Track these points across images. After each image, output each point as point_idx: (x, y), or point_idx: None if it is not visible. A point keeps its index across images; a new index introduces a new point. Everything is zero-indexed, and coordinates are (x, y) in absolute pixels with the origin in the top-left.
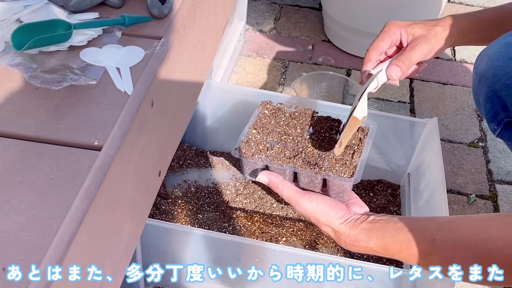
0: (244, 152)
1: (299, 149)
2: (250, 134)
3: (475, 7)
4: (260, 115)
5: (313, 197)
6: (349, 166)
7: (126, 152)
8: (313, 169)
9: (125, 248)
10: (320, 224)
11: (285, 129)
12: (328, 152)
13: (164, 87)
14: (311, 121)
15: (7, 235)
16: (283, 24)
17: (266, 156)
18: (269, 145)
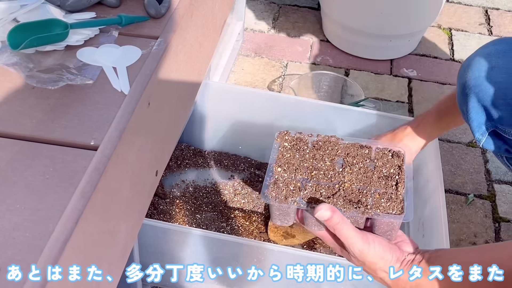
0: (275, 195)
1: (335, 186)
2: (276, 173)
3: (474, 7)
4: (281, 149)
5: (370, 239)
6: (395, 201)
7: (123, 152)
8: (357, 208)
9: (122, 248)
10: (375, 270)
11: (312, 163)
12: (369, 187)
13: (161, 87)
14: (338, 150)
15: (2, 235)
16: (281, 24)
17: (301, 198)
18: (300, 184)
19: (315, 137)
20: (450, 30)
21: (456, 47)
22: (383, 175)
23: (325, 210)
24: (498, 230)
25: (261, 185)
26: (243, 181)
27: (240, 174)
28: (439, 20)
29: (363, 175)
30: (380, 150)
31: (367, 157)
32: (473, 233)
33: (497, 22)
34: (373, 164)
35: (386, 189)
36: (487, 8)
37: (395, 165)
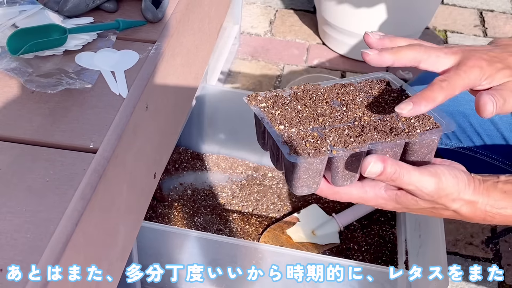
0: (303, 151)
1: (355, 123)
2: (281, 132)
3: (469, 9)
4: (264, 110)
5: (438, 171)
6: (423, 118)
7: (121, 155)
8: (396, 135)
9: (121, 250)
10: (451, 201)
11: (310, 111)
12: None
13: (158, 91)
14: (324, 94)
15: (4, 237)
16: (278, 27)
17: (331, 145)
18: (318, 133)
19: (288, 90)
20: (446, 32)
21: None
22: (390, 100)
23: (375, 163)
24: (494, 230)
25: (259, 188)
26: (241, 184)
27: (238, 177)
28: (434, 22)
29: (370, 105)
30: (364, 83)
31: (357, 91)
32: (470, 233)
33: (492, 23)
34: (370, 95)
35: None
36: (481, 10)
37: (392, 89)
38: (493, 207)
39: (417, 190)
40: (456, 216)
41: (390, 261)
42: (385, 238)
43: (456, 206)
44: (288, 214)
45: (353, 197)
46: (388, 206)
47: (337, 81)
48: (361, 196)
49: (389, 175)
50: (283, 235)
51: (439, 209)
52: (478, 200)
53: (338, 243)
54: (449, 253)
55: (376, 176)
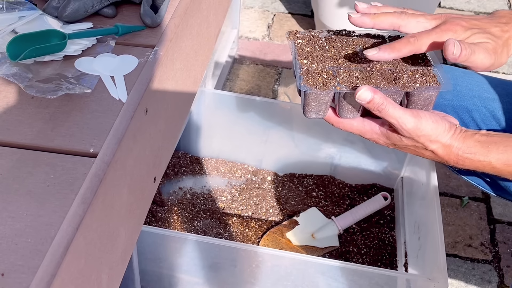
0: (312, 84)
1: (367, 69)
2: (303, 65)
3: (466, 12)
4: (298, 45)
5: (420, 113)
6: (428, 75)
7: (121, 159)
8: (396, 84)
9: (121, 254)
10: (429, 142)
11: (335, 52)
12: (400, 66)
13: (157, 95)
14: (354, 41)
15: (5, 241)
16: (276, 32)
17: (338, 83)
18: (332, 71)
19: (326, 32)
20: None
21: None
22: (408, 57)
23: (365, 90)
24: (493, 231)
25: (259, 192)
26: (240, 188)
27: (237, 181)
28: None
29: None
30: (393, 38)
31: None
32: (469, 235)
33: None
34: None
35: (416, 66)
36: (478, 12)
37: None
38: (464, 152)
39: (398, 125)
40: (434, 157)
41: (390, 264)
42: (384, 241)
43: (434, 147)
44: (287, 217)
45: (353, 128)
46: (380, 141)
47: (371, 31)
48: (359, 128)
49: (376, 104)
50: (283, 239)
51: (420, 148)
52: (454, 145)
53: (338, 246)
54: (448, 255)
55: (366, 102)
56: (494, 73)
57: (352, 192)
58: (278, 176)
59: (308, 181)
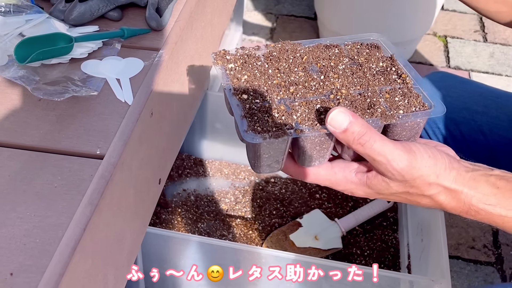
0: (261, 130)
1: (330, 97)
2: (244, 102)
3: (469, 14)
4: (230, 73)
5: (413, 148)
6: (410, 95)
7: (127, 161)
8: (374, 114)
9: (127, 254)
10: (427, 185)
11: (282, 77)
12: (371, 87)
13: (163, 97)
14: (303, 57)
15: (14, 242)
16: (279, 34)
17: (297, 123)
18: (285, 106)
19: (263, 48)
20: (446, 37)
21: (452, 54)
22: (376, 71)
23: (339, 112)
24: (496, 234)
25: (262, 194)
26: (244, 190)
27: (241, 183)
28: (434, 27)
29: (352, 76)
30: (352, 46)
31: (342, 56)
32: (471, 237)
33: (492, 29)
34: (355, 62)
35: (391, 85)
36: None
37: (381, 57)
38: (480, 201)
39: (387, 164)
40: (434, 205)
41: (393, 266)
42: (387, 243)
43: (433, 192)
44: (291, 219)
45: (320, 179)
46: (359, 192)
47: (321, 41)
48: (329, 178)
49: (357, 135)
50: (286, 240)
51: (414, 195)
52: (462, 190)
53: (341, 248)
54: (451, 257)
55: (341, 131)
56: (497, 75)
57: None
58: (281, 178)
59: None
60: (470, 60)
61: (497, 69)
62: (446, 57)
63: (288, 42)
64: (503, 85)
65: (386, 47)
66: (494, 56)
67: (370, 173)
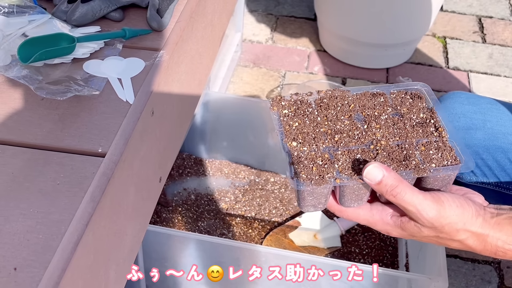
0: (306, 177)
1: (370, 147)
2: (293, 150)
3: (468, 15)
4: (284, 119)
5: (442, 198)
6: (444, 149)
7: (129, 159)
8: (408, 167)
9: (128, 251)
10: (456, 231)
11: (329, 125)
12: (409, 139)
13: (163, 97)
14: (350, 105)
15: (17, 237)
16: (279, 35)
17: (338, 172)
18: (328, 155)
19: (316, 94)
20: (445, 38)
21: (451, 55)
22: (416, 122)
23: (374, 167)
24: None
25: (262, 193)
26: (244, 189)
27: (241, 182)
28: (433, 29)
29: (393, 127)
30: (397, 95)
31: (386, 105)
32: None
33: (491, 30)
34: (398, 112)
35: (428, 137)
36: (480, 16)
37: (422, 107)
38: (505, 242)
39: (417, 213)
40: (464, 247)
41: (391, 264)
42: (386, 242)
43: (462, 237)
44: (290, 218)
45: (360, 219)
46: (394, 233)
47: (369, 88)
48: (368, 219)
49: (389, 187)
50: (286, 239)
51: (445, 239)
52: (488, 234)
53: (340, 246)
54: (449, 256)
55: (375, 183)
56: (495, 76)
57: None
58: (281, 177)
59: None
60: (469, 61)
61: (496, 70)
62: (445, 58)
63: (337, 89)
64: (501, 86)
65: (429, 97)
66: (493, 57)
67: (404, 217)
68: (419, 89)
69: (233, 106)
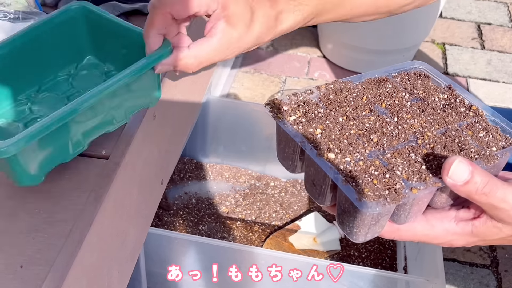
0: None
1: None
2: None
3: (467, 22)
4: (298, 128)
5: None
6: (489, 128)
7: (131, 161)
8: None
9: (130, 251)
10: None
11: (356, 125)
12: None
13: (165, 101)
14: (363, 96)
15: (23, 236)
16: (279, 41)
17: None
18: (379, 161)
19: (316, 91)
20: (444, 44)
21: (450, 61)
22: (443, 104)
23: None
24: None
25: (262, 197)
26: (244, 193)
27: (241, 186)
28: (433, 35)
29: (424, 114)
30: (401, 78)
31: (399, 91)
32: None
33: (489, 36)
34: (418, 96)
35: (466, 119)
36: (479, 23)
37: (437, 87)
38: None
39: (511, 210)
40: None
41: (390, 267)
42: (384, 245)
43: None
44: (290, 222)
45: (418, 235)
46: (460, 242)
47: (368, 75)
48: (427, 233)
49: (480, 184)
50: (285, 242)
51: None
52: None
53: (339, 250)
54: (447, 259)
55: (463, 183)
56: (494, 82)
57: None
58: (281, 181)
59: None
60: (468, 67)
61: (494, 76)
62: (444, 64)
63: (337, 81)
64: (500, 92)
65: (434, 75)
66: (491, 63)
67: (477, 220)
68: (420, 68)
69: (234, 110)
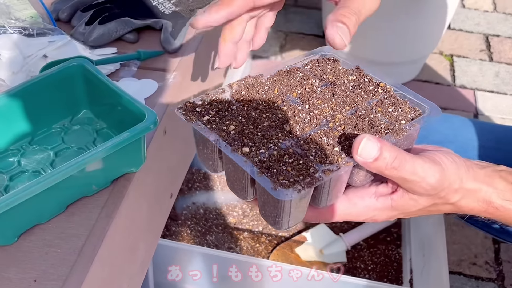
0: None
1: (329, 126)
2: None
3: (475, 34)
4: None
5: (437, 158)
6: (398, 102)
7: (142, 176)
8: (379, 131)
9: (140, 265)
10: (454, 192)
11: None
12: (359, 104)
13: (175, 117)
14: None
15: (36, 251)
16: (288, 51)
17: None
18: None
19: (228, 89)
20: (452, 56)
21: (458, 73)
22: (352, 85)
23: (368, 142)
24: (498, 251)
25: None
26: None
27: None
28: (441, 46)
29: (334, 97)
30: (311, 66)
31: (309, 78)
32: (474, 253)
33: (498, 48)
34: (327, 81)
35: (375, 96)
36: (487, 35)
37: (346, 70)
38: (498, 197)
39: (421, 182)
40: (454, 210)
41: (396, 280)
42: (390, 258)
43: (456, 199)
44: (297, 233)
45: (341, 214)
46: (382, 217)
47: (279, 67)
48: (349, 212)
49: (389, 159)
50: (292, 254)
51: (439, 205)
52: (481, 188)
53: (345, 262)
54: (453, 273)
55: (372, 159)
56: (502, 94)
57: None
58: None
59: None
60: (476, 79)
61: (502, 88)
62: (452, 75)
63: (248, 76)
64: (507, 104)
65: (342, 58)
66: (499, 76)
67: (395, 194)
68: (328, 55)
69: None
